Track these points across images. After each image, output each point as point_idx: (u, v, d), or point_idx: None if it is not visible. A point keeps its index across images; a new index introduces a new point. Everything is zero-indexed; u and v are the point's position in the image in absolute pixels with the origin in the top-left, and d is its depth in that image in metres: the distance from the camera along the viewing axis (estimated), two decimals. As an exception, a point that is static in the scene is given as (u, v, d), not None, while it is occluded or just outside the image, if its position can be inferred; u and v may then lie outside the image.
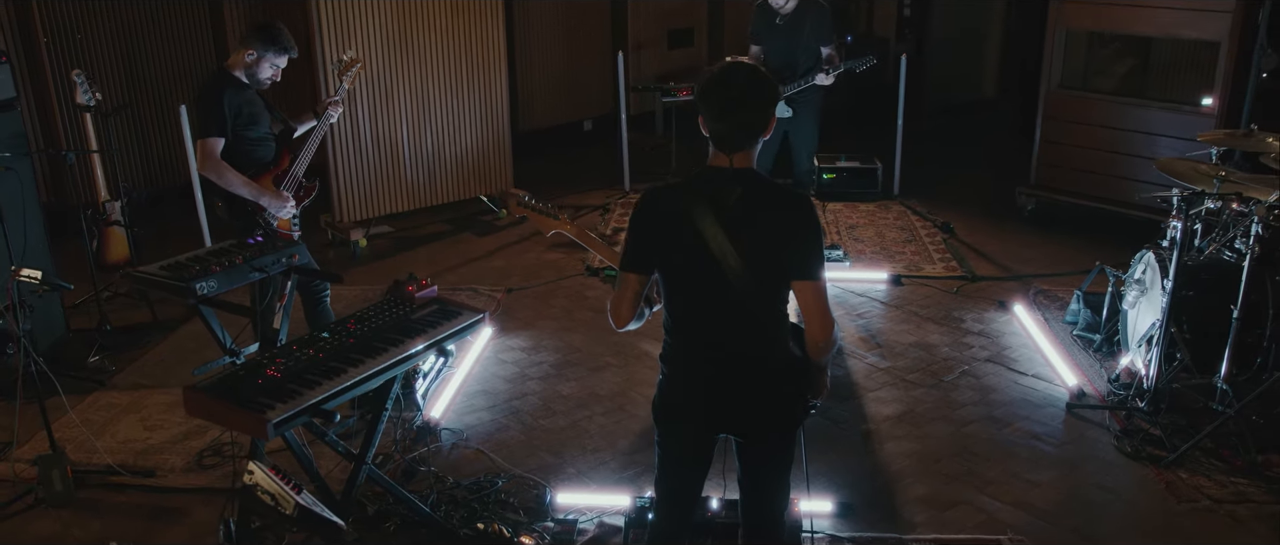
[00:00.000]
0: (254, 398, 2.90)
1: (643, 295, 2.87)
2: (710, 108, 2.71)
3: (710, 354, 2.85)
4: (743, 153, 2.73)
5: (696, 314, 2.83)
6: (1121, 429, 4.61)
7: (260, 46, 4.57)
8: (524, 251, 7.11)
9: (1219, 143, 5.15)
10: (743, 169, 2.73)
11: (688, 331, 2.86)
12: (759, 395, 2.87)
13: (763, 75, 2.72)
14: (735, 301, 2.76)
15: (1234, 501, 4.10)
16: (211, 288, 3.42)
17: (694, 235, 2.70)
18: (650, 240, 2.81)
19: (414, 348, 3.29)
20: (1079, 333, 5.58)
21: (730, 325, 2.81)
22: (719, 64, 2.74)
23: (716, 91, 2.70)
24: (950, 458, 4.45)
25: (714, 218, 2.69)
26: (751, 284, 2.73)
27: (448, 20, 7.15)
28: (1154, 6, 6.69)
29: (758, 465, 3.02)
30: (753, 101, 2.69)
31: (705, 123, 2.74)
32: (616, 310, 2.89)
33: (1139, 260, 5.13)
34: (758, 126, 2.71)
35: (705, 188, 2.73)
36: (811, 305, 2.74)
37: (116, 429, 4.77)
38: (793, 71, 6.49)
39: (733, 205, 2.69)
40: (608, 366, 5.33)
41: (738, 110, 2.69)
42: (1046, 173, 7.56)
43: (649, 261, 2.83)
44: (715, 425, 2.95)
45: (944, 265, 6.66)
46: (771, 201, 2.72)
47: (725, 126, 2.71)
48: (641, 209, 2.82)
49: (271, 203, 4.59)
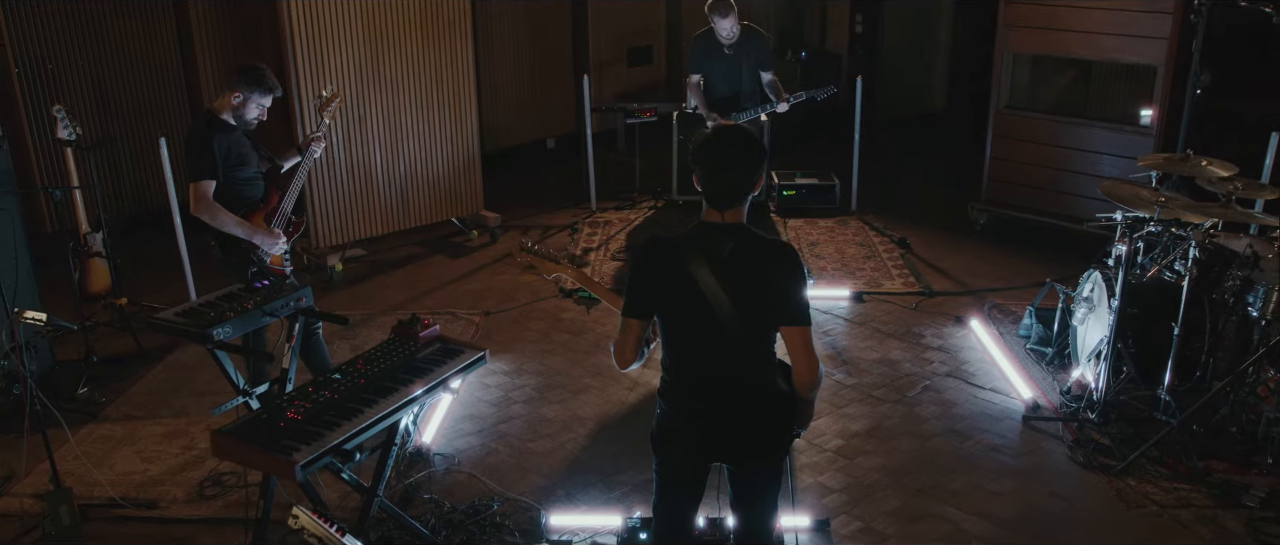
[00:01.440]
0: (279, 441, 3.09)
1: (644, 338, 3.11)
2: (703, 168, 2.96)
3: (705, 391, 3.10)
4: (733, 209, 2.98)
5: (692, 355, 3.08)
6: (1074, 439, 4.93)
7: (246, 88, 4.72)
8: (497, 273, 7.30)
9: (1158, 167, 5.50)
10: (734, 224, 2.98)
11: (684, 370, 3.11)
12: (750, 428, 3.12)
13: (752, 138, 2.98)
14: (727, 344, 3.01)
15: (1178, 506, 4.43)
16: (227, 333, 3.60)
17: (690, 284, 2.95)
18: (651, 289, 3.05)
19: (423, 387, 3.50)
20: (1032, 346, 5.91)
21: (723, 365, 3.06)
22: (712, 129, 2.99)
23: (709, 153, 2.96)
24: (917, 471, 4.74)
25: (709, 268, 2.94)
26: (742, 328, 2.98)
27: (418, 49, 7.32)
28: (1094, 32, 7.05)
29: (748, 490, 3.28)
30: (741, 162, 2.95)
31: (699, 181, 2.99)
32: (620, 352, 3.13)
33: (1086, 279, 5.47)
34: (746, 185, 2.97)
35: (700, 241, 2.98)
36: (798, 349, 3.00)
37: (114, 461, 4.90)
38: (738, 98, 6.74)
39: (725, 257, 2.94)
40: (588, 388, 5.56)
41: (728, 170, 2.95)
42: (996, 188, 7.91)
43: (649, 308, 3.07)
44: (710, 455, 3.21)
45: (902, 281, 6.97)
46: (760, 253, 2.98)
47: (716, 185, 2.96)
48: (642, 261, 3.07)
49: (264, 241, 4.76)
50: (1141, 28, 6.82)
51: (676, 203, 8.66)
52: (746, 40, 6.69)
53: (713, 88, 6.84)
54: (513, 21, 9.54)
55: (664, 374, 3.18)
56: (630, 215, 8.51)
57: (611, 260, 7.50)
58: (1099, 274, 5.32)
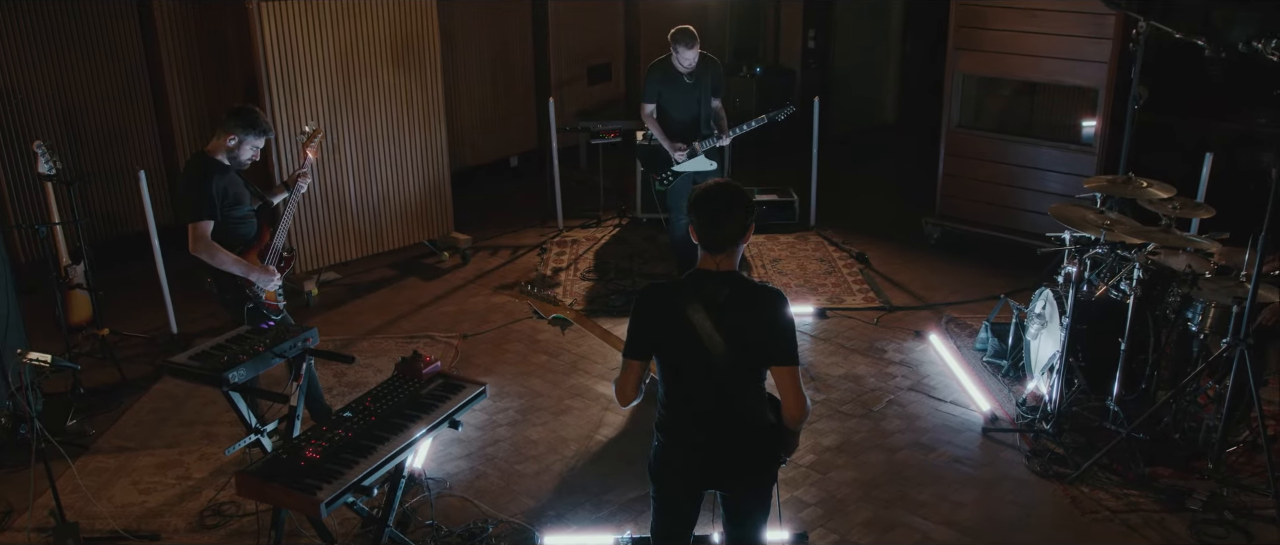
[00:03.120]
0: (301, 479, 3.28)
1: (643, 378, 3.35)
2: (700, 218, 3.22)
3: (701, 425, 3.36)
4: (726, 256, 3.24)
5: (689, 392, 3.34)
6: (1030, 449, 5.26)
7: (241, 130, 4.89)
8: (470, 295, 7.49)
9: (1102, 189, 5.85)
10: (727, 271, 3.24)
11: (681, 406, 3.36)
12: (743, 459, 3.39)
13: (743, 193, 3.24)
14: (721, 382, 3.28)
15: (1128, 511, 4.77)
16: (241, 376, 3.77)
17: (687, 328, 3.20)
18: (650, 332, 3.31)
19: (430, 423, 3.70)
20: (988, 359, 6.24)
21: (717, 401, 3.32)
22: (707, 183, 3.25)
23: (705, 205, 3.21)
24: (886, 483, 5.03)
25: (705, 313, 3.19)
26: (735, 368, 3.25)
27: (390, 75, 7.49)
28: (1040, 56, 7.42)
29: (740, 512, 3.55)
30: (735, 213, 3.21)
31: (695, 230, 3.24)
32: (622, 391, 3.39)
33: (1038, 296, 5.80)
34: (737, 234, 3.23)
35: (697, 287, 3.23)
36: (787, 387, 3.27)
37: (111, 493, 5.03)
38: (697, 125, 6.97)
39: (721, 303, 3.20)
40: (569, 410, 5.78)
41: (723, 220, 3.21)
42: (949, 203, 8.26)
43: (648, 349, 3.32)
44: (705, 483, 3.47)
45: (863, 296, 7.28)
46: (752, 299, 3.25)
47: (711, 234, 3.22)
48: (642, 305, 3.32)
49: (259, 277, 4.92)
50: (1084, 53, 7.20)
51: (641, 220, 8.90)
52: (704, 68, 6.91)
53: (671, 116, 7.03)
54: (475, 41, 9.71)
55: (660, 409, 3.42)
56: (597, 234, 8.74)
57: (581, 280, 7.72)
58: (1050, 292, 5.65)
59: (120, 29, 7.72)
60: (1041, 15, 7.33)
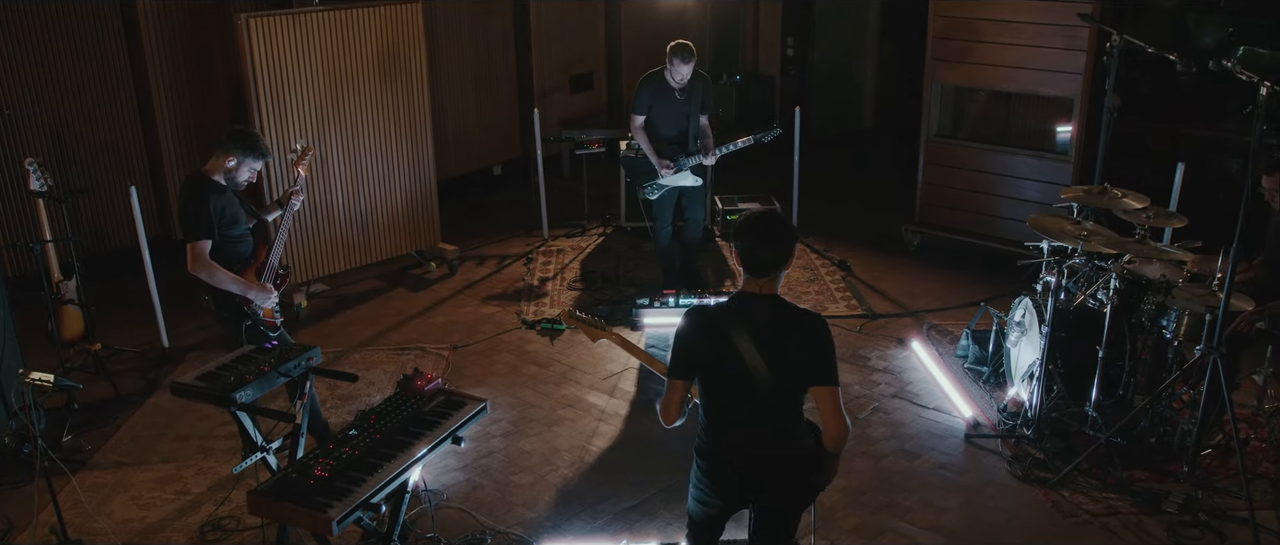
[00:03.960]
0: (312, 498, 3.37)
1: (687, 398, 3.48)
2: (745, 242, 3.36)
3: (741, 447, 3.47)
4: (768, 280, 3.38)
5: (731, 413, 3.46)
6: (1012, 455, 5.41)
7: (241, 152, 4.96)
8: (459, 306, 7.57)
9: (1078, 200, 6.00)
10: (769, 295, 3.38)
11: (722, 428, 3.48)
12: (782, 481, 3.52)
13: (785, 222, 3.44)
14: (763, 403, 3.40)
15: (1107, 514, 4.92)
16: (248, 396, 3.85)
17: (732, 350, 3.33)
18: (694, 353, 3.43)
19: (434, 440, 3.80)
20: (970, 366, 6.39)
21: (758, 422, 3.44)
22: (752, 212, 3.42)
23: (748, 233, 3.36)
24: (873, 490, 5.16)
25: (748, 335, 3.32)
26: (777, 389, 3.38)
27: (376, 88, 7.56)
28: (1016, 67, 7.59)
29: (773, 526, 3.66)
30: (780, 240, 3.36)
31: (739, 254, 3.38)
32: (666, 411, 3.51)
33: (1018, 304, 5.96)
34: (780, 261, 3.36)
35: (741, 310, 3.37)
36: (828, 407, 3.38)
37: (111, 509, 5.08)
38: (685, 140, 7.09)
39: (763, 325, 3.33)
40: (562, 420, 5.88)
41: (767, 246, 3.35)
42: (928, 210, 8.42)
43: (692, 370, 3.45)
44: (743, 503, 3.62)
45: (846, 304, 7.42)
46: (794, 322, 3.39)
47: (757, 259, 3.36)
48: (687, 327, 3.44)
49: (257, 295, 4.99)
50: (1059, 64, 7.37)
51: (625, 229, 9.01)
52: (695, 84, 7.02)
53: (659, 130, 7.14)
54: (459, 50, 9.79)
55: (701, 431, 3.53)
56: (582, 242, 8.84)
57: (568, 289, 7.82)
58: (1029, 300, 5.81)
59: (106, 43, 7.75)
60: (1018, 28, 7.50)
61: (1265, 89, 4.39)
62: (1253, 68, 4.68)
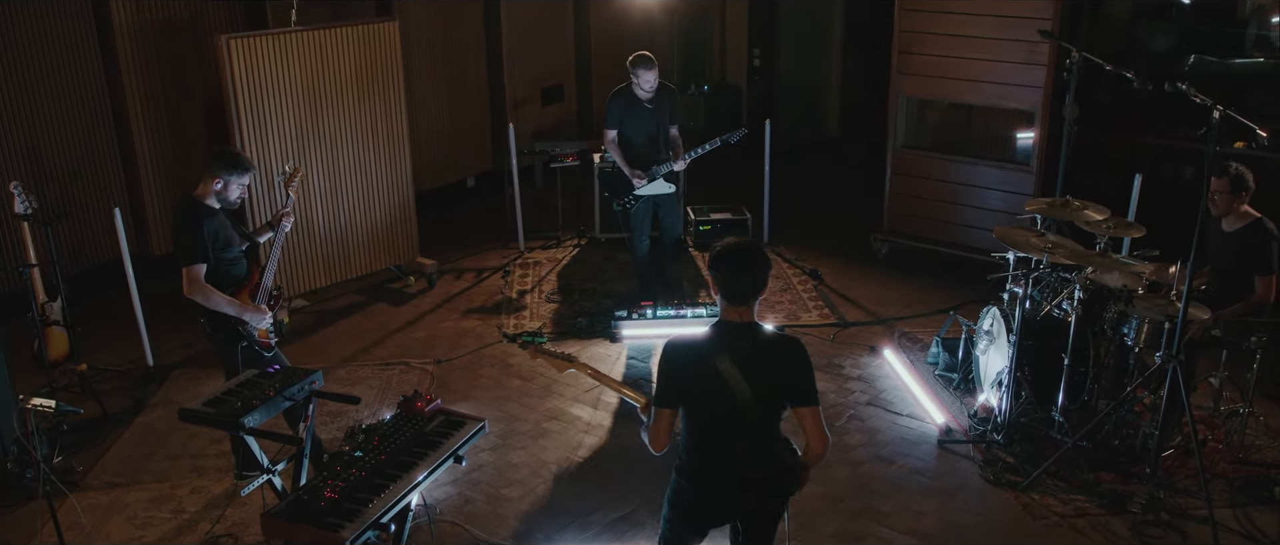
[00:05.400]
0: (323, 518, 3.50)
1: (674, 425, 3.63)
2: (725, 271, 3.50)
3: (725, 469, 3.63)
4: (747, 307, 3.53)
5: (716, 438, 3.61)
6: (984, 459, 5.64)
7: (225, 172, 5.07)
8: (440, 320, 7.69)
9: (1042, 212, 6.24)
10: (749, 322, 3.54)
11: (706, 451, 3.63)
12: (762, 499, 3.70)
13: (761, 252, 3.58)
14: (746, 426, 3.56)
15: (1075, 515, 5.16)
16: (256, 420, 3.98)
17: (716, 377, 3.48)
18: (681, 382, 3.57)
19: (437, 460, 3.95)
20: (940, 373, 6.62)
21: (743, 445, 3.60)
22: (728, 242, 3.56)
23: (726, 264, 3.50)
24: (851, 496, 5.36)
25: (732, 362, 3.47)
26: (760, 412, 3.54)
27: (355, 105, 7.66)
28: (979, 81, 7.84)
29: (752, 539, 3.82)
30: (757, 270, 3.51)
31: (718, 283, 3.52)
32: (655, 439, 3.62)
33: (986, 313, 6.19)
34: (759, 288, 3.52)
35: (724, 338, 3.52)
36: (811, 426, 3.56)
37: (108, 530, 5.16)
38: (656, 150, 7.29)
39: (746, 351, 3.49)
40: (548, 433, 6.03)
41: (748, 275, 3.50)
42: (896, 219, 8.66)
43: (679, 399, 3.59)
44: (724, 520, 3.78)
45: (818, 313, 7.63)
46: (774, 346, 3.55)
47: (733, 290, 3.50)
48: (671, 358, 3.58)
49: (252, 317, 5.10)
50: (1020, 78, 7.63)
51: (600, 240, 9.17)
52: (663, 95, 7.22)
53: (632, 141, 7.33)
54: (432, 64, 9.89)
55: (683, 454, 3.68)
56: (557, 255, 8.98)
57: (547, 302, 7.96)
58: (997, 309, 6.04)
59: (81, 62, 7.76)
60: (980, 42, 7.75)
61: (1218, 113, 4.62)
62: (1203, 76, 4.91)
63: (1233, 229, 5.58)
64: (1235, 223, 5.57)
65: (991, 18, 7.66)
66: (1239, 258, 5.54)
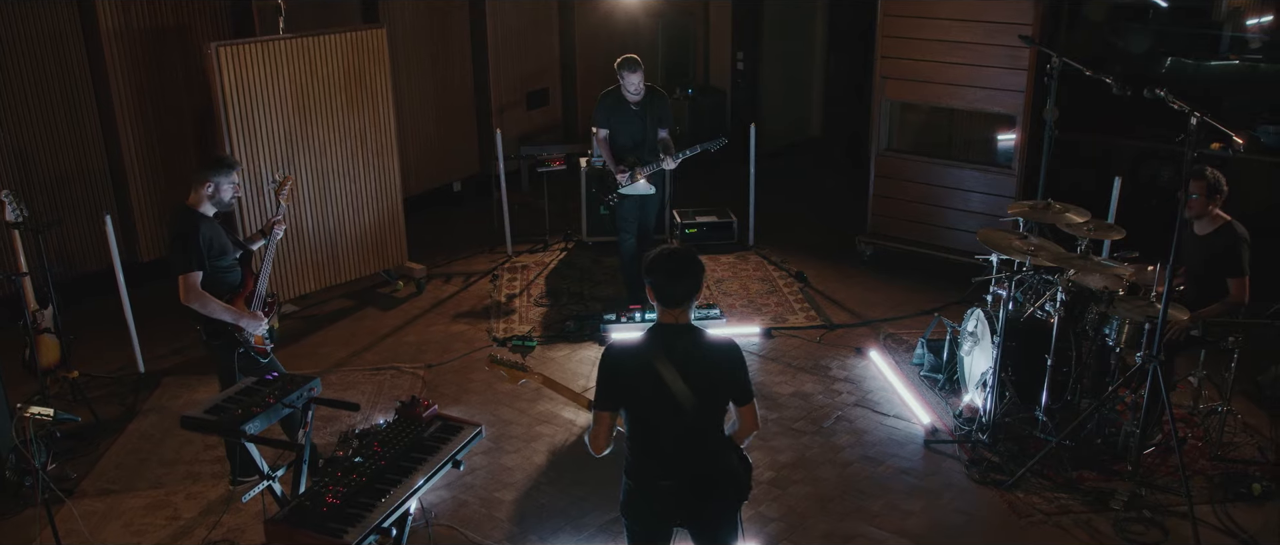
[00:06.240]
0: (326, 524, 3.56)
1: (613, 428, 3.72)
2: (659, 278, 3.62)
3: (669, 468, 3.72)
4: (682, 310, 3.64)
5: (658, 438, 3.70)
6: (969, 458, 5.74)
7: (212, 174, 5.12)
8: (429, 325, 7.74)
9: (1023, 215, 6.35)
10: (685, 324, 3.65)
11: (650, 452, 3.72)
12: (710, 493, 3.77)
13: (694, 258, 3.67)
14: (688, 425, 3.66)
15: (1059, 513, 5.26)
16: (257, 427, 4.03)
17: (655, 378, 3.58)
18: (619, 386, 3.67)
19: (436, 465, 4.00)
20: (925, 374, 6.72)
21: (685, 443, 3.70)
22: (662, 249, 3.67)
23: (660, 269, 3.62)
24: (840, 497, 5.45)
25: (670, 364, 3.58)
26: (700, 410, 3.64)
27: (343, 112, 7.70)
28: (961, 85, 7.96)
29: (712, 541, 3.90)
30: (691, 274, 3.63)
31: (654, 289, 3.63)
32: (595, 442, 3.74)
33: (970, 315, 6.30)
34: (691, 293, 3.64)
35: (661, 341, 3.63)
36: (748, 418, 3.73)
37: (105, 537, 5.19)
38: (641, 151, 7.38)
39: (683, 352, 3.59)
40: (540, 436, 6.09)
41: (682, 279, 3.62)
42: (880, 222, 8.77)
43: (619, 402, 3.69)
44: (674, 521, 3.86)
45: (805, 315, 7.73)
46: (709, 348, 3.66)
47: (668, 293, 3.62)
48: (610, 361, 3.69)
49: (248, 323, 5.15)
50: (1002, 82, 7.75)
51: (587, 244, 9.25)
52: (650, 99, 7.32)
53: (618, 141, 7.44)
54: (418, 69, 9.93)
55: (628, 456, 3.77)
56: (545, 258, 9.05)
57: (535, 306, 8.03)
58: (980, 312, 6.15)
59: (69, 69, 7.75)
60: (962, 47, 7.86)
61: (1195, 119, 4.74)
62: (1179, 79, 5.03)
63: (1204, 232, 5.71)
64: (1207, 226, 5.69)
65: (973, 23, 7.78)
66: (1211, 261, 5.67)
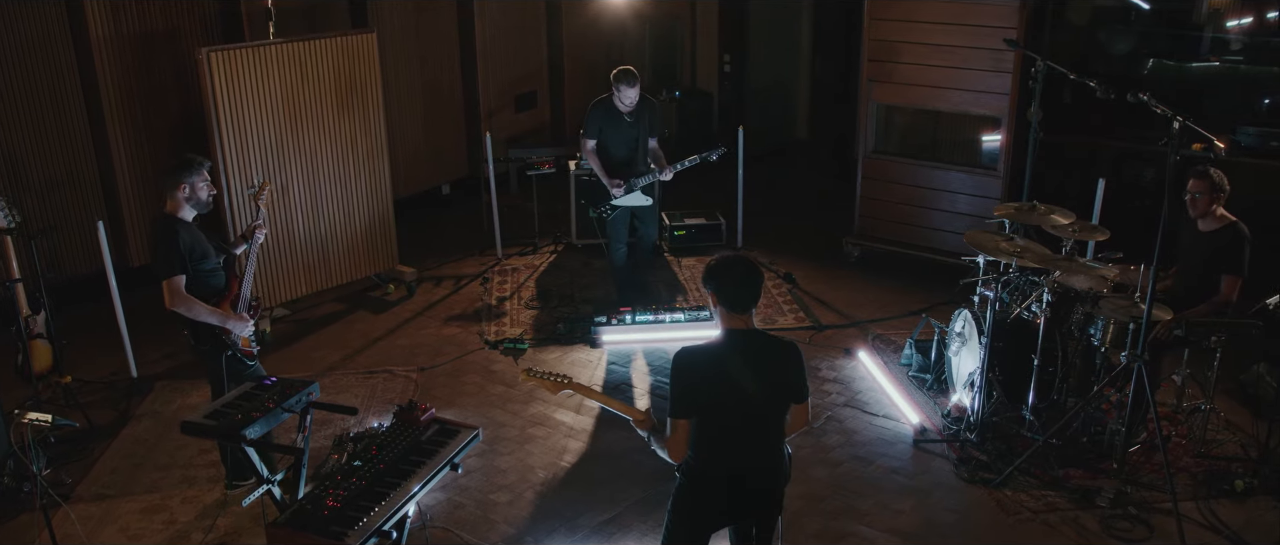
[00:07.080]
0: (328, 527, 3.60)
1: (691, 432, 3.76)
2: (727, 284, 3.69)
3: (737, 468, 3.78)
4: (747, 315, 3.73)
5: (725, 439, 3.76)
6: (958, 457, 5.82)
7: (184, 176, 5.10)
8: (421, 328, 7.78)
9: (1009, 217, 6.43)
10: (751, 329, 3.74)
11: (717, 452, 3.77)
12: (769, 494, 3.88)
13: (754, 265, 3.78)
14: (755, 426, 3.75)
15: (1047, 511, 5.34)
16: (257, 431, 4.07)
17: (730, 382, 3.66)
18: (697, 390, 3.72)
19: (434, 468, 4.05)
20: (914, 374, 6.80)
21: (752, 443, 3.77)
22: (724, 256, 3.78)
23: (724, 276, 3.71)
24: (831, 496, 5.52)
25: (744, 366, 3.67)
26: (767, 411, 3.74)
27: (334, 117, 7.74)
28: (947, 88, 8.05)
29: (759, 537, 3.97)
30: (756, 277, 3.74)
31: (721, 294, 3.70)
32: (676, 449, 3.77)
33: (958, 316, 6.38)
34: (757, 296, 3.74)
35: (733, 345, 3.71)
36: (799, 416, 3.84)
37: (101, 541, 5.22)
38: (634, 162, 7.43)
39: (753, 355, 3.70)
40: (533, 439, 6.14)
41: (746, 285, 3.71)
42: (867, 224, 8.85)
43: (696, 408, 3.73)
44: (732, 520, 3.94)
45: (794, 316, 7.80)
46: (775, 350, 3.76)
47: (734, 299, 3.70)
48: (683, 367, 3.71)
49: (235, 325, 5.18)
50: (987, 85, 7.84)
51: (577, 246, 9.30)
52: (643, 108, 7.35)
53: (610, 152, 7.46)
54: (407, 73, 9.97)
55: (692, 456, 3.79)
56: (535, 261, 9.09)
57: (526, 308, 8.07)
58: (968, 312, 6.23)
59: (58, 73, 7.77)
60: (948, 51, 7.95)
61: (1178, 124, 4.83)
62: (1161, 81, 5.12)
63: (1208, 230, 5.80)
64: (1211, 224, 5.79)
65: (958, 26, 7.86)
66: (1211, 258, 5.76)
